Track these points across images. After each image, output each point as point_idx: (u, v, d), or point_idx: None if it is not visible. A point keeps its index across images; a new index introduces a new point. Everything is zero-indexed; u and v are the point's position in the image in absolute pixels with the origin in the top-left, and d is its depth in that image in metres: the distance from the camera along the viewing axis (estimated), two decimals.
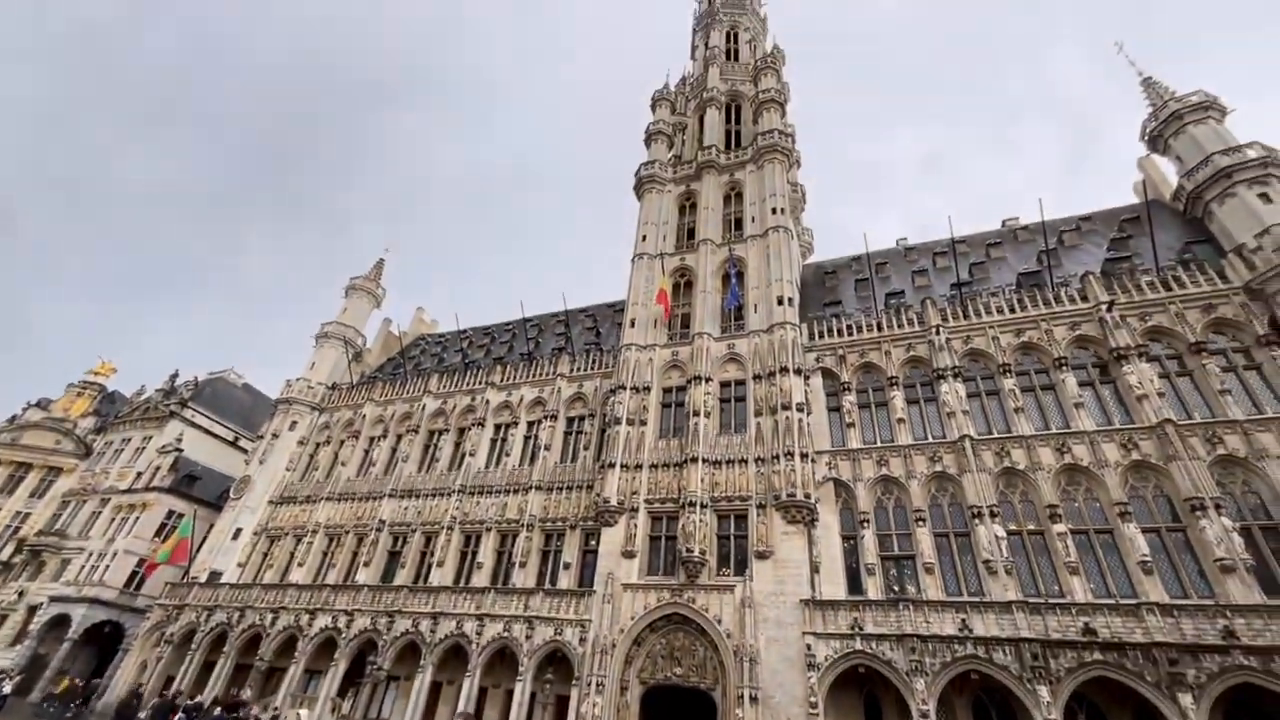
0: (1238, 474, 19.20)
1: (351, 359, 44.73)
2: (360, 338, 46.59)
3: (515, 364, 36.28)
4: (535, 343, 39.72)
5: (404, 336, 47.82)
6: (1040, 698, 16.61)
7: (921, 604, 19.42)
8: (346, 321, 46.24)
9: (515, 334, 42.79)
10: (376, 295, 49.16)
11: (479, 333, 46.53)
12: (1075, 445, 21.21)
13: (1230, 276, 22.54)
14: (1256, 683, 15.48)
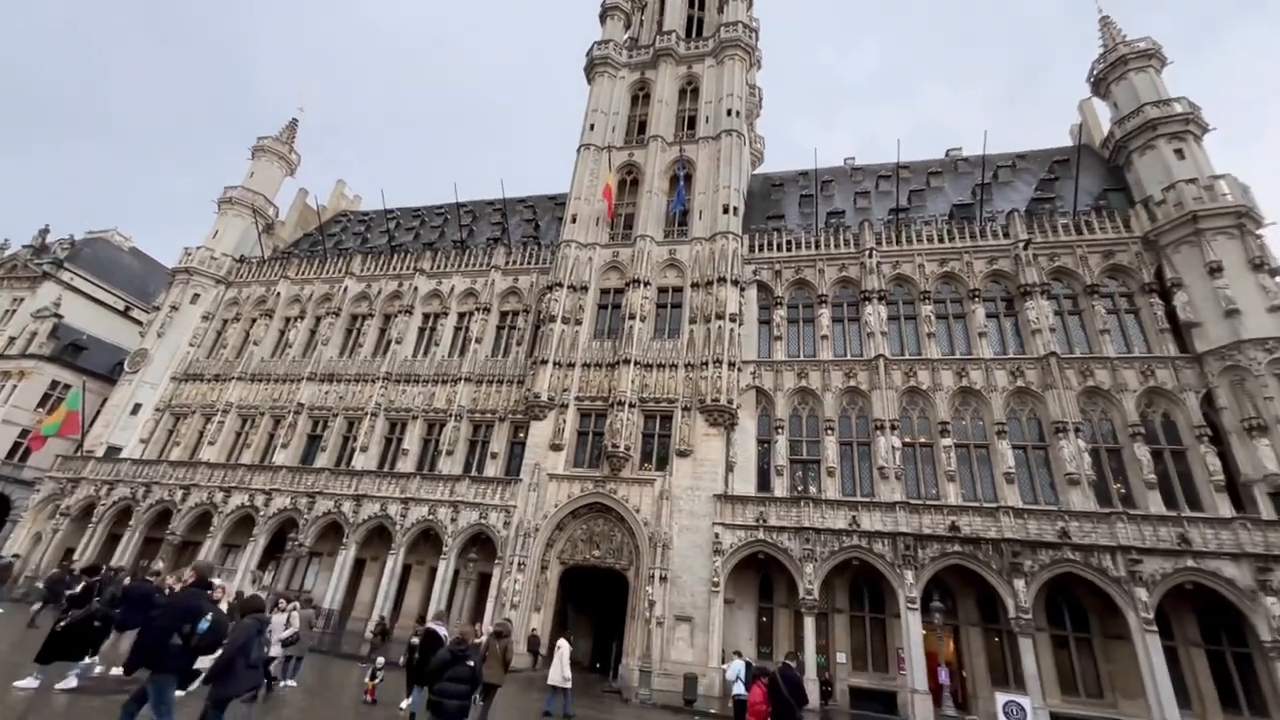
0: (1099, 403, 21.91)
1: (262, 231, 40.80)
2: (272, 208, 42.29)
3: (447, 251, 34.46)
4: (469, 230, 37.64)
5: (323, 211, 43.78)
6: (906, 580, 19.36)
7: (820, 502, 21.57)
8: (254, 188, 41.58)
9: (448, 219, 40.27)
10: (289, 161, 44.16)
11: (408, 214, 43.40)
12: (973, 370, 23.25)
13: (1134, 226, 24.34)
14: (1076, 572, 18.71)
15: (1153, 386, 21.46)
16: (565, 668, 13.15)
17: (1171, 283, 22.64)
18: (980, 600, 20.41)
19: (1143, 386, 21.54)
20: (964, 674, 19.98)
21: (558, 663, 13.18)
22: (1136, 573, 17.90)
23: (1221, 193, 22.82)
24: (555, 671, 13.18)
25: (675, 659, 19.96)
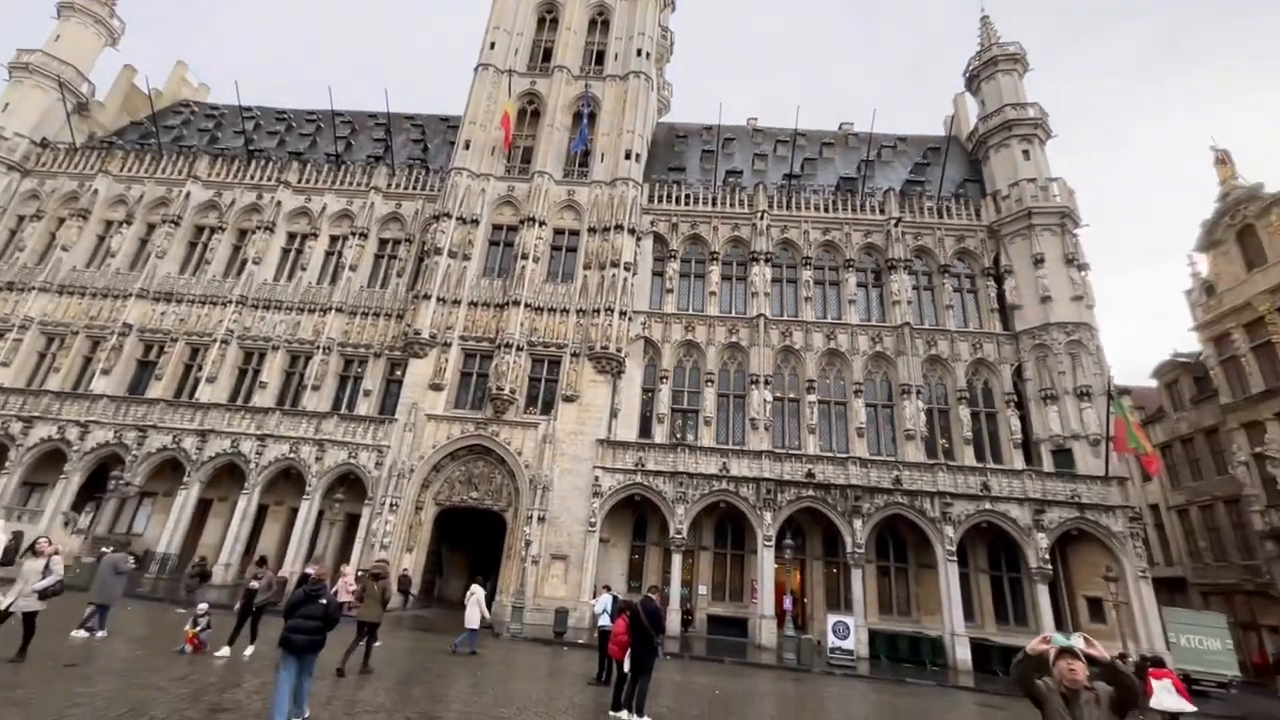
0: (938, 370, 25.01)
1: (73, 111, 33.57)
2: (86, 84, 34.76)
3: (319, 165, 30.71)
4: (346, 144, 33.70)
5: (156, 97, 36.66)
6: (765, 520, 21.34)
7: (696, 449, 22.85)
8: (61, 55, 33.82)
9: (320, 128, 35.68)
10: (109, 27, 36.27)
11: (270, 115, 37.77)
12: (841, 334, 25.40)
13: (983, 216, 27.39)
14: (903, 514, 21.69)
15: (979, 358, 24.84)
16: (484, 610, 13.71)
17: (1005, 269, 25.97)
18: (825, 537, 23.08)
19: (972, 357, 24.85)
20: (805, 600, 22.70)
21: (475, 606, 13.52)
22: (948, 514, 21.14)
23: (1053, 194, 26.25)
24: (473, 614, 13.43)
25: (549, 594, 20.62)
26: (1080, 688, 3.47)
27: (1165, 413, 31.06)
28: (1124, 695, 3.42)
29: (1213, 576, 27.74)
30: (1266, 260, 25.35)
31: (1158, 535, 30.38)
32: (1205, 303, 27.97)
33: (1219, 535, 27.74)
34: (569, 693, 9.94)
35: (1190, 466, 29.60)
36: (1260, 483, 24.49)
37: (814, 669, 16.12)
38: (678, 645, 18.07)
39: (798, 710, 11.05)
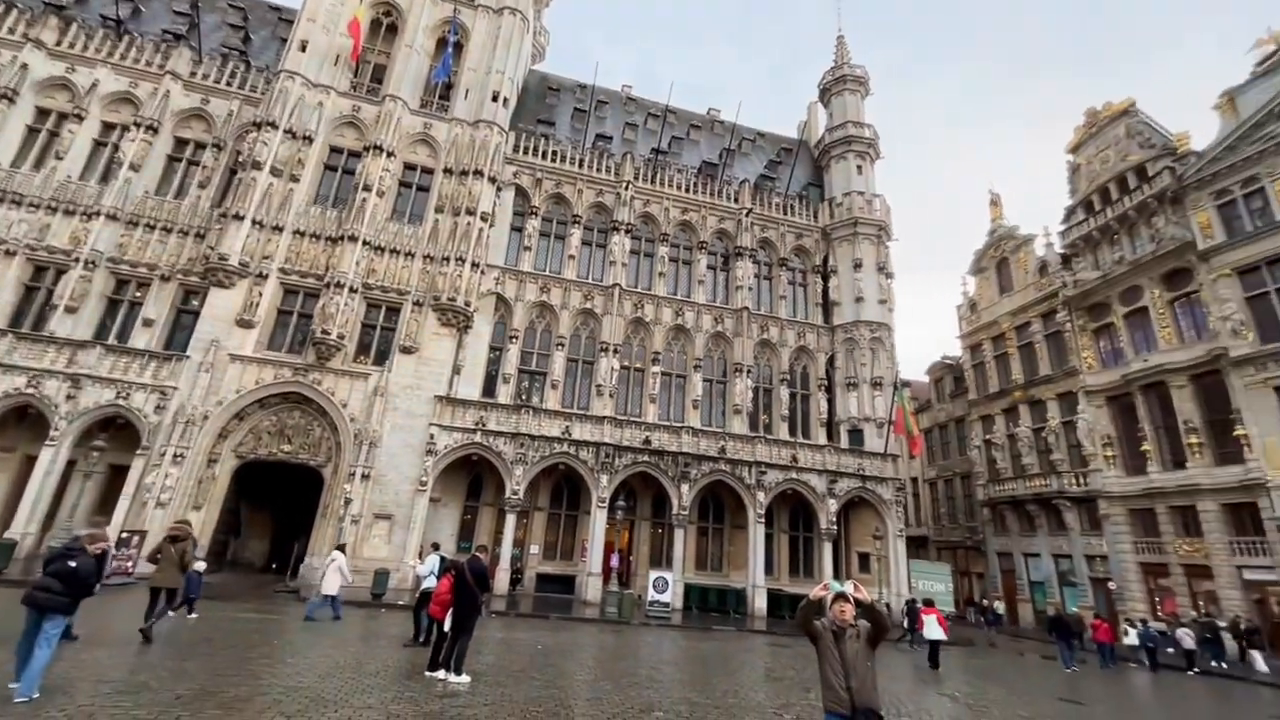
0: (767, 353, 27.61)
1: None
2: None
3: (91, 28, 24.24)
4: (134, 9, 26.95)
5: None
6: (601, 483, 22.07)
7: (541, 412, 22.74)
8: None
9: None
10: None
11: None
12: (688, 311, 26.77)
13: (820, 218, 30.45)
14: (725, 480, 23.85)
15: (802, 345, 27.89)
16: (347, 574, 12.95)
17: (831, 269, 29.28)
18: (655, 500, 24.58)
19: (796, 344, 27.81)
20: (631, 558, 24.09)
21: (336, 573, 12.70)
22: (762, 481, 23.70)
23: (875, 208, 30.00)
24: (333, 580, 12.61)
25: (369, 555, 19.35)
26: (847, 625, 4.15)
27: (931, 404, 37.87)
28: (878, 630, 4.15)
29: (946, 535, 34.86)
30: (1014, 288, 31.71)
31: (913, 503, 37.24)
32: (969, 317, 34.29)
33: (954, 503, 34.86)
34: (382, 656, 9.49)
35: (943, 448, 36.60)
36: (986, 463, 31.09)
37: (633, 621, 17.25)
38: (505, 604, 18.15)
39: (614, 658, 11.77)
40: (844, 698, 3.95)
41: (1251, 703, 13.40)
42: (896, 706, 9.18)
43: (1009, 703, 10.69)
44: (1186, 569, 21.82)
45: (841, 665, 4.03)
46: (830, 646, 4.13)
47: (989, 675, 13.86)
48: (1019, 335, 30.63)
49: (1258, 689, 15.40)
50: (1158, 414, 23.66)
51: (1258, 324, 20.62)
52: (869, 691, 3.98)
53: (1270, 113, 20.89)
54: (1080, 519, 25.76)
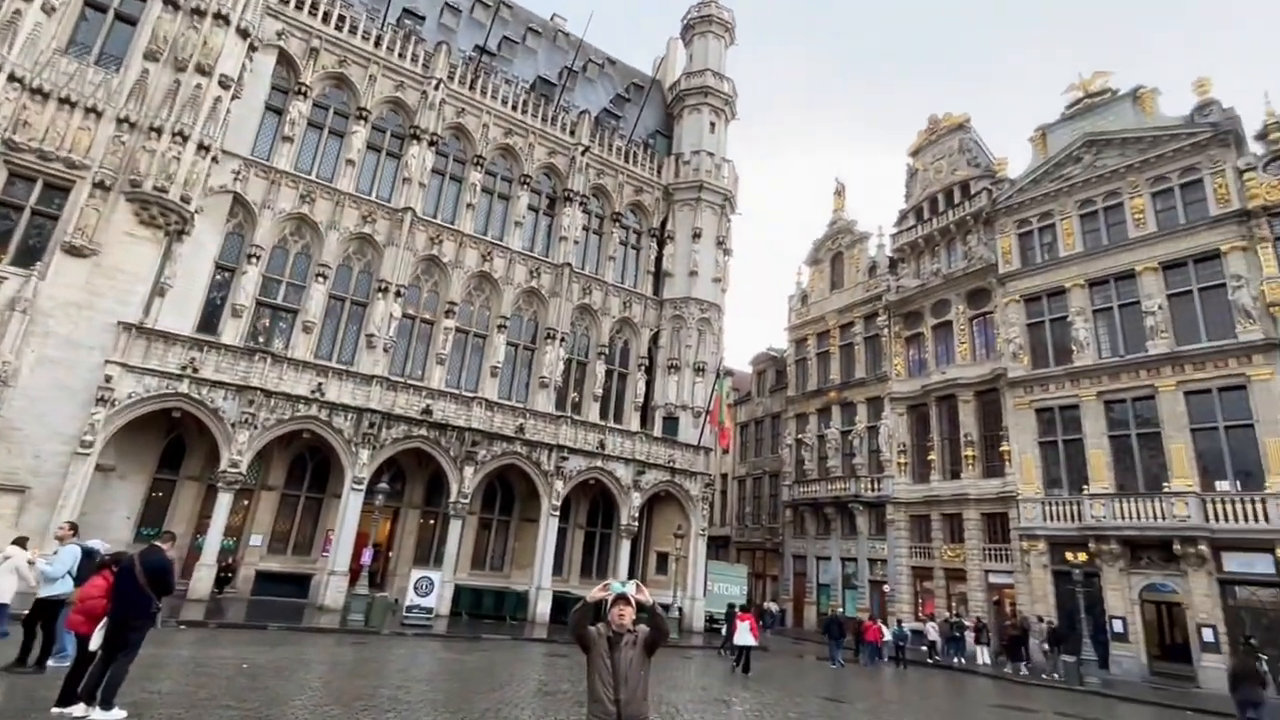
0: (587, 320, 28.16)
1: None
2: None
3: None
4: None
5: None
6: (360, 459, 20.65)
7: (285, 361, 20.42)
8: None
9: None
10: None
11: None
12: (498, 258, 26.07)
13: (664, 174, 31.66)
14: (519, 464, 23.92)
15: (626, 317, 28.97)
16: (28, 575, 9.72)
17: (669, 234, 30.74)
18: (430, 484, 23.77)
19: (621, 314, 28.80)
20: (390, 554, 23.07)
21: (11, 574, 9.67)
22: (561, 468, 24.26)
23: (724, 175, 32.08)
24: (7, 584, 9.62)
25: None
26: (625, 631, 4.39)
27: (752, 397, 42.17)
28: (656, 635, 4.45)
29: (748, 536, 39.41)
30: (844, 285, 36.48)
31: (720, 500, 41.34)
32: (799, 309, 38.69)
33: (760, 503, 39.47)
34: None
35: (756, 445, 41.09)
36: (794, 463, 35.65)
37: (383, 630, 16.59)
38: (204, 611, 16.18)
39: (350, 676, 11.20)
40: (611, 711, 4.18)
41: (977, 693, 17.48)
42: (671, 715, 10.16)
43: (781, 704, 12.49)
44: (947, 572, 27.56)
45: (613, 675, 4.25)
46: (603, 655, 4.33)
47: (766, 678, 16.06)
48: (843, 334, 35.41)
49: (983, 680, 20.15)
50: (946, 425, 29.26)
51: (1032, 350, 26.52)
52: (639, 703, 4.26)
53: (1069, 155, 26.73)
54: (870, 523, 30.95)
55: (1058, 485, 24.52)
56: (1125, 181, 25.05)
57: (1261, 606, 19.78)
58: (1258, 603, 19.87)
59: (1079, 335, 24.81)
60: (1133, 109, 25.81)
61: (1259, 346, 20.62)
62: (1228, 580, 20.26)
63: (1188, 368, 22.00)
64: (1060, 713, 14.81)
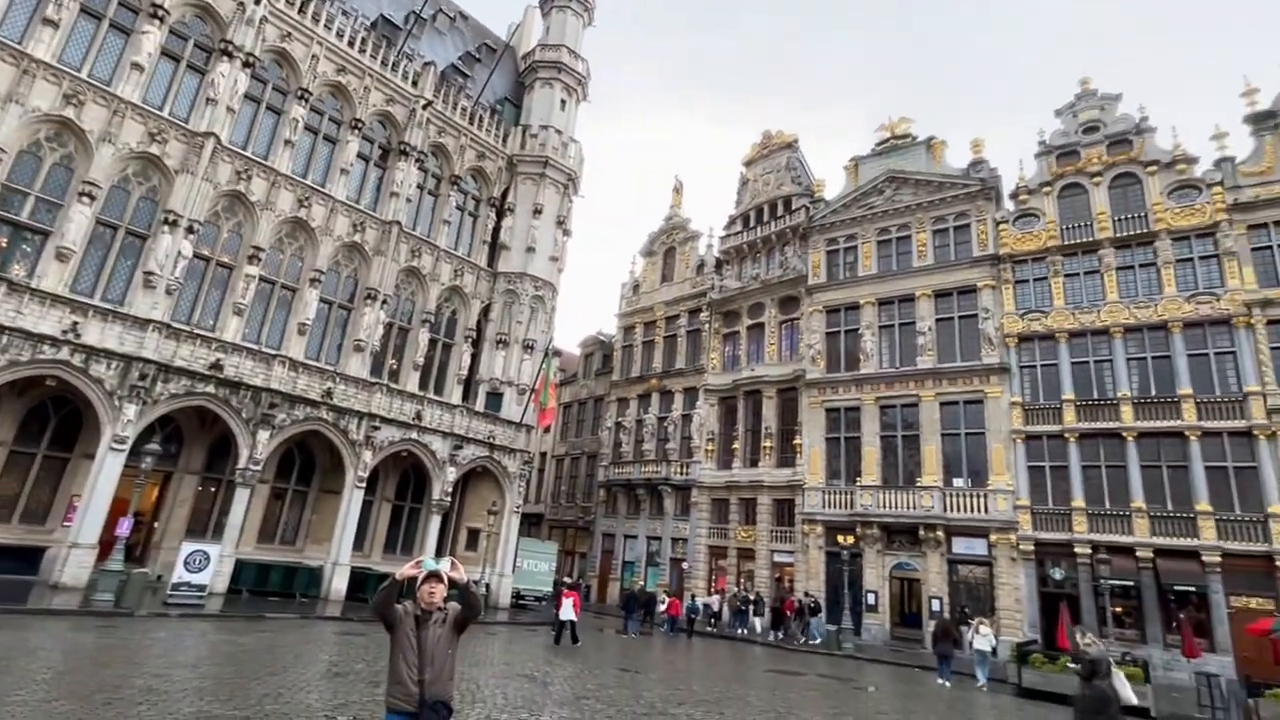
0: (413, 284, 26.57)
1: None
2: None
3: None
4: None
5: None
6: (124, 415, 17.71)
7: (28, 291, 16.85)
8: None
9: None
10: None
11: None
12: (318, 205, 23.64)
13: (509, 144, 30.68)
14: (324, 431, 22.02)
15: (456, 285, 27.77)
16: None
17: (509, 206, 29.91)
18: (214, 448, 21.11)
19: (450, 283, 27.53)
20: (155, 524, 20.17)
21: None
22: (372, 438, 22.75)
23: (569, 154, 31.83)
24: None
25: None
26: (435, 608, 4.24)
27: (578, 378, 42.63)
28: (468, 613, 4.35)
29: (561, 515, 39.92)
30: (674, 279, 38.05)
31: (538, 478, 41.39)
32: (630, 297, 39.72)
33: (576, 483, 40.13)
34: None
35: (578, 426, 41.65)
36: (612, 445, 36.69)
37: (139, 612, 14.47)
38: None
39: (94, 665, 9.62)
40: (413, 691, 4.03)
41: (755, 660, 19.35)
42: (473, 692, 10.03)
43: (580, 677, 12.87)
44: (739, 552, 30.08)
45: (418, 655, 4.10)
46: (409, 633, 4.17)
47: (568, 652, 16.44)
48: (668, 326, 36.96)
49: (760, 649, 22.36)
50: (750, 418, 31.80)
51: (828, 355, 29.67)
52: (444, 682, 4.14)
53: (875, 187, 30.16)
54: (676, 505, 32.79)
55: (837, 476, 27.77)
56: (914, 217, 28.83)
57: (975, 581, 24.06)
58: (973, 578, 24.13)
59: (866, 346, 28.21)
60: (926, 155, 29.74)
61: (995, 369, 24.92)
62: (954, 560, 24.36)
63: (944, 382, 25.98)
64: (821, 674, 16.90)
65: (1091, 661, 7.28)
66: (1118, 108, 25.94)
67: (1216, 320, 21.87)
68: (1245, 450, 20.54)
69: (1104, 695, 7.04)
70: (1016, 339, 25.09)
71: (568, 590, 18.14)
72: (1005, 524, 23.24)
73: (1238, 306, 21.54)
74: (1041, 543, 22.69)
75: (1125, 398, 22.48)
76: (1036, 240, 25.78)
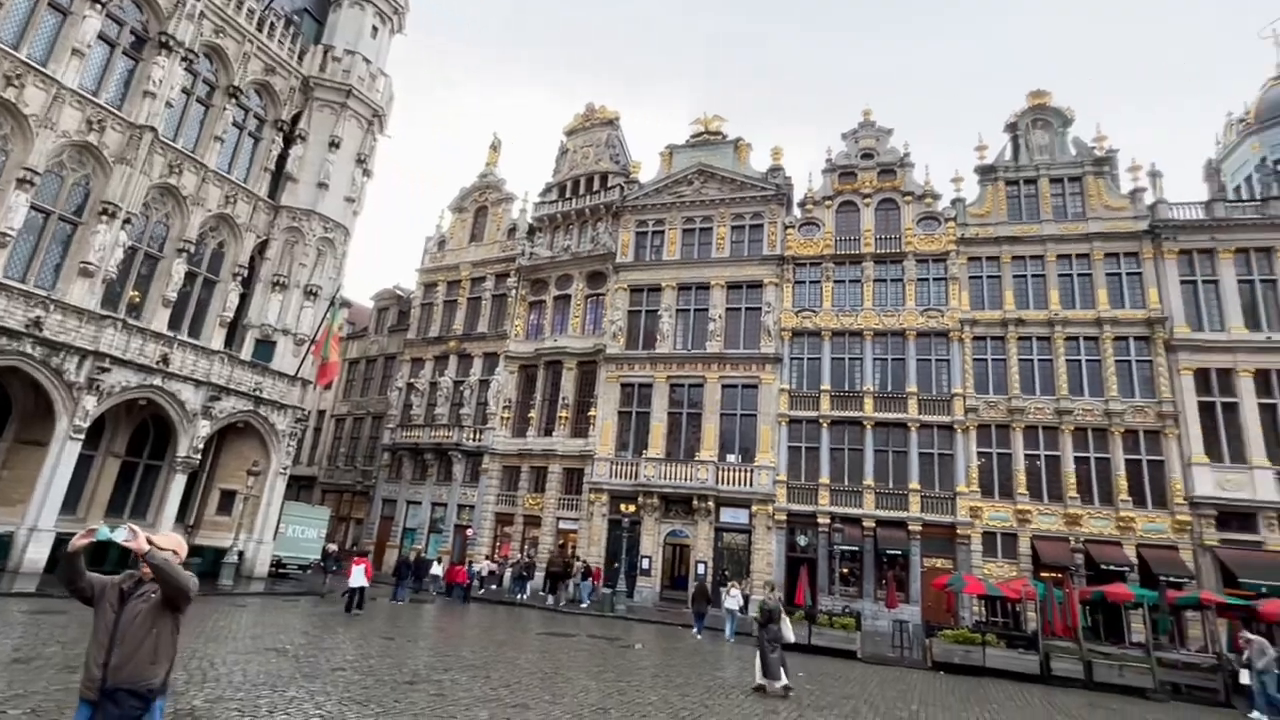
0: (168, 205, 22.54)
1: None
2: None
3: None
4: None
5: None
6: None
7: None
8: None
9: None
10: None
11: None
12: (35, 87, 18.93)
13: (305, 64, 27.07)
14: (27, 369, 17.93)
15: (226, 214, 24.10)
16: None
17: (299, 134, 26.52)
18: None
19: (219, 210, 23.82)
20: None
21: None
22: (99, 381, 19.01)
23: (377, 88, 28.97)
24: None
25: None
26: (147, 580, 3.64)
27: (369, 333, 39.56)
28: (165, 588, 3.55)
29: (338, 478, 36.99)
30: (484, 239, 36.69)
31: (314, 438, 37.90)
32: (435, 252, 37.61)
33: (358, 445, 37.41)
34: None
35: (364, 384, 38.75)
36: (402, 407, 34.70)
37: None
38: None
39: None
40: (96, 676, 3.44)
41: (530, 623, 19.66)
42: (204, 671, 8.93)
43: (339, 647, 12.08)
44: (526, 519, 30.28)
45: (109, 635, 3.51)
46: (108, 610, 3.56)
47: (329, 623, 15.35)
48: (474, 287, 35.64)
49: (537, 612, 22.76)
50: (549, 388, 31.96)
51: (628, 333, 30.74)
52: (141, 667, 3.51)
53: (685, 177, 31.62)
54: (466, 471, 32.02)
55: (626, 448, 29.05)
56: (718, 211, 30.79)
57: (736, 547, 26.72)
58: (735, 544, 26.77)
59: (664, 327, 29.68)
60: (733, 154, 31.81)
61: (770, 358, 27.65)
62: (721, 528, 26.81)
63: (728, 366, 28.27)
64: (592, 634, 17.68)
65: (769, 610, 11.61)
66: (889, 140, 29.89)
67: (939, 332, 26.34)
68: (948, 440, 25.13)
69: (777, 635, 11.35)
70: (790, 333, 28.05)
71: (358, 557, 17.96)
72: (765, 496, 26.07)
73: (954, 323, 26.14)
74: (793, 514, 25.84)
75: (869, 391, 26.27)
76: (815, 247, 28.92)
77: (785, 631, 11.82)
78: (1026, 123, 28.20)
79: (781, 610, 12.09)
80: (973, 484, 24.33)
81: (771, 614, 11.59)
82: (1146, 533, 22.48)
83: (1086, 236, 25.88)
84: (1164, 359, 23.82)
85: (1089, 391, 24.35)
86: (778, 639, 11.32)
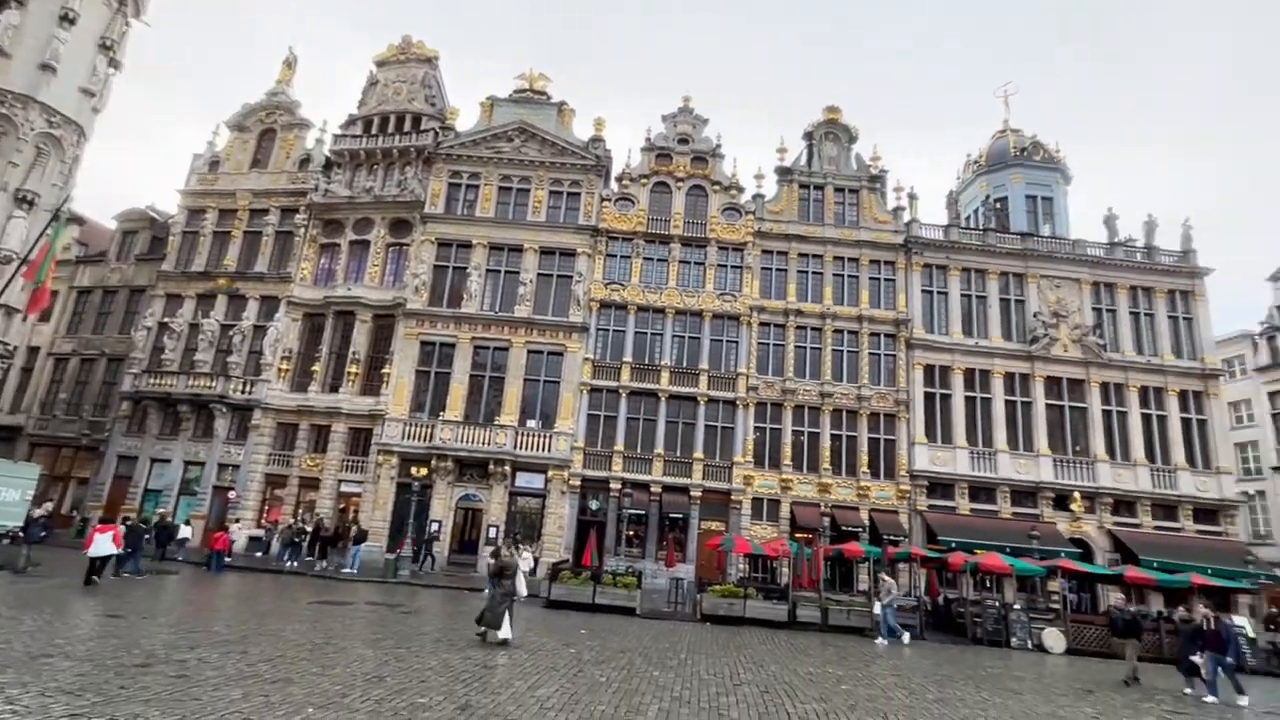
0: None
1: None
2: None
3: None
4: None
5: None
6: None
7: None
8: None
9: None
10: None
11: None
12: None
13: None
14: None
15: None
16: None
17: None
18: None
19: None
20: None
21: None
22: None
23: None
24: None
25: None
26: None
27: (107, 258, 32.90)
28: None
29: (56, 429, 30.54)
30: (269, 166, 32.19)
31: (20, 378, 30.97)
32: (205, 173, 32.24)
33: (85, 390, 31.15)
34: None
35: (99, 319, 32.26)
36: (150, 349, 29.55)
37: None
38: None
39: None
40: None
41: (301, 592, 18.04)
42: None
43: (45, 630, 10.10)
44: (302, 481, 27.63)
45: None
46: None
47: (32, 601, 12.76)
48: (253, 219, 31.22)
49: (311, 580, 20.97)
50: (338, 340, 29.22)
51: (432, 288, 29.09)
52: None
53: (505, 133, 30.43)
54: (230, 427, 28.28)
55: (421, 409, 27.67)
56: (536, 174, 30.15)
57: (529, 511, 26.89)
58: (528, 508, 26.92)
59: (471, 287, 28.56)
60: (556, 117, 31.25)
61: (578, 327, 27.95)
62: (516, 493, 26.78)
63: (535, 332, 28.05)
64: (371, 601, 16.74)
65: (502, 565, 12.03)
66: (705, 129, 31.38)
67: (732, 316, 28.51)
68: (730, 415, 27.44)
69: (511, 590, 11.86)
70: (598, 304, 28.55)
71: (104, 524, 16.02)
72: (562, 462, 26.49)
73: (745, 309, 28.46)
74: (587, 479, 26.58)
75: (666, 366, 27.71)
76: (629, 223, 29.61)
77: (520, 587, 12.37)
78: (821, 134, 31.32)
79: (518, 566, 12.63)
80: (748, 455, 26.90)
81: (504, 568, 12.04)
82: (878, 500, 26.64)
83: (858, 243, 29.58)
84: (904, 354, 28.19)
85: (847, 378, 28.05)
86: (511, 593, 11.87)
